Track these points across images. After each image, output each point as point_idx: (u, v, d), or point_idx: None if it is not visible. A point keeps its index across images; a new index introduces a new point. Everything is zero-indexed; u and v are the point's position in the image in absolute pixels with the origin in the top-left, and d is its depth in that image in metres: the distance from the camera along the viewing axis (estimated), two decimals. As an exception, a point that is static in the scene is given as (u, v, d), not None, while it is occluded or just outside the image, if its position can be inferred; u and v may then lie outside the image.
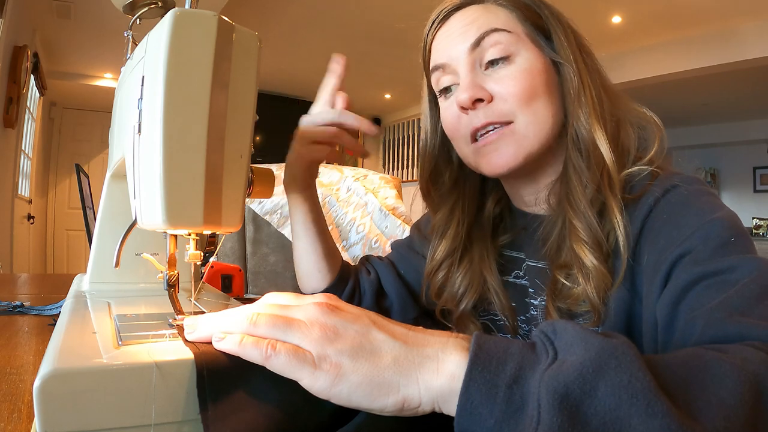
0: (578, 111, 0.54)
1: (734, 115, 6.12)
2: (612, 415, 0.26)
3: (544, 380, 0.28)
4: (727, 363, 0.30)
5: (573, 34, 0.58)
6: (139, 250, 0.45)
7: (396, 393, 0.30)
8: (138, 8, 0.54)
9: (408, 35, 2.51)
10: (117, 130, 0.56)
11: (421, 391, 0.30)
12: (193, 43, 0.37)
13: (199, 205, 0.38)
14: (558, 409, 0.26)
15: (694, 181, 0.52)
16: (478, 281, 0.63)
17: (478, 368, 0.29)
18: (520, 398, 0.28)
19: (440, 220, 0.65)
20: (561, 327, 0.32)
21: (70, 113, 5.41)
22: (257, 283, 1.72)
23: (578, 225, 0.52)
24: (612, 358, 0.28)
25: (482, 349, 0.30)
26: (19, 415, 0.39)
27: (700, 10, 3.62)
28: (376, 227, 1.66)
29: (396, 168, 6.90)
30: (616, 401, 0.27)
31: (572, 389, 0.27)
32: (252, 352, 0.32)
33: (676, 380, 0.29)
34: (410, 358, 0.31)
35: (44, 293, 1.03)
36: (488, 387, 0.28)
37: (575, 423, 0.26)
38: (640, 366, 0.28)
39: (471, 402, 0.28)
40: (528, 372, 0.29)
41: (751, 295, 0.40)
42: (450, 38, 0.57)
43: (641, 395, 0.27)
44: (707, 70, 4.08)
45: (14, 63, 3.00)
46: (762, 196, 6.53)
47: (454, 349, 0.31)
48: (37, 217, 4.60)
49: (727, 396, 0.28)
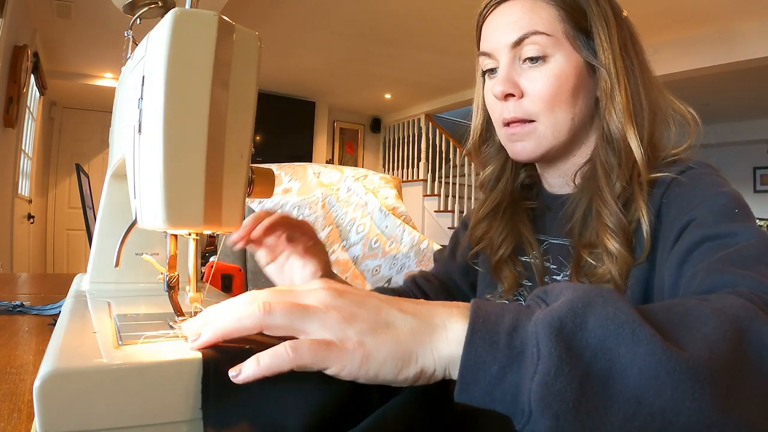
0: (611, 109, 0.57)
1: (734, 115, 6.11)
2: (602, 346, 0.28)
3: (539, 319, 0.30)
4: (709, 307, 0.32)
5: (618, 30, 0.59)
6: (139, 250, 0.46)
7: (415, 364, 0.31)
8: (138, 8, 0.54)
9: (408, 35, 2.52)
10: (117, 129, 0.56)
11: (435, 360, 0.31)
12: (193, 43, 0.37)
13: (200, 204, 0.38)
14: (555, 342, 0.28)
15: (708, 165, 0.56)
16: (515, 233, 0.68)
17: (479, 320, 0.30)
18: (520, 343, 0.29)
19: (489, 175, 0.71)
20: (551, 288, 0.34)
21: (70, 113, 5.41)
22: (257, 283, 1.72)
23: (604, 212, 0.56)
24: (598, 296, 0.31)
25: (481, 308, 0.31)
26: (19, 415, 0.39)
27: (700, 10, 3.62)
28: (376, 227, 1.66)
29: (396, 168, 6.90)
30: (604, 332, 0.29)
31: (565, 322, 0.29)
32: (275, 364, 0.30)
33: (661, 320, 0.31)
34: (422, 329, 0.32)
35: (44, 293, 1.03)
36: (490, 335, 0.30)
37: (572, 355, 0.28)
38: (624, 302, 0.30)
39: (475, 351, 0.29)
40: (525, 321, 0.30)
41: (749, 255, 0.43)
42: (495, 32, 0.61)
43: (626, 325, 0.29)
44: (707, 70, 4.08)
45: (14, 63, 3.00)
46: (762, 196, 6.53)
47: (458, 317, 0.32)
48: (37, 217, 4.60)
49: (711, 333, 0.30)
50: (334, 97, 6.63)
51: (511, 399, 0.29)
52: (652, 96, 0.59)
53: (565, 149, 0.62)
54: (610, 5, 0.60)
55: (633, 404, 0.27)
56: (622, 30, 0.59)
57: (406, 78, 5.66)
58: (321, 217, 1.69)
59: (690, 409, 0.27)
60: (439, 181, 6.07)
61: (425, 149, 6.29)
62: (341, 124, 7.12)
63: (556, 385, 0.27)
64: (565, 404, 0.27)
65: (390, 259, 1.66)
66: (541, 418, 0.28)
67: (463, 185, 5.93)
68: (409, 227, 1.68)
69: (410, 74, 5.52)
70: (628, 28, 0.61)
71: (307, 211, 1.70)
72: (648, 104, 0.58)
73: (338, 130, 7.10)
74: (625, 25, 0.61)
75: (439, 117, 6.55)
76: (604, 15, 0.58)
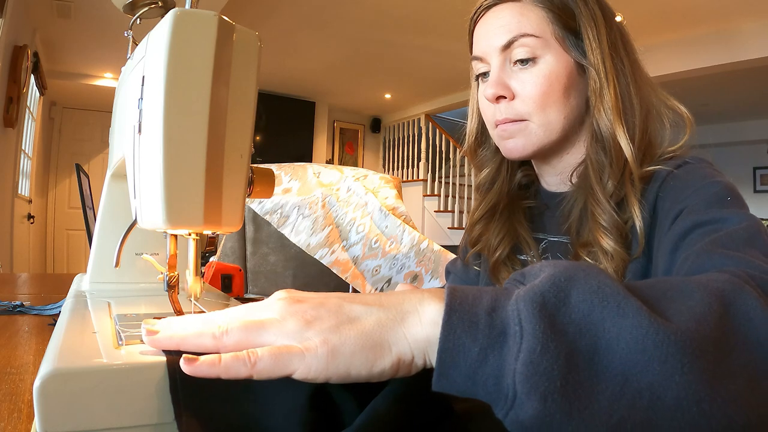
0: (600, 108, 0.58)
1: (734, 116, 6.11)
2: (586, 320, 0.27)
3: (520, 296, 0.28)
4: (694, 282, 0.32)
5: (607, 30, 0.59)
6: (139, 250, 0.45)
7: (389, 353, 0.30)
8: (138, 8, 0.54)
9: (408, 35, 2.53)
10: (117, 129, 0.56)
11: (411, 345, 0.30)
12: (193, 43, 0.37)
13: (200, 205, 0.38)
14: (539, 318, 0.27)
15: (703, 160, 0.57)
16: (512, 233, 0.68)
17: (456, 302, 0.29)
18: (501, 322, 0.28)
19: (485, 177, 0.72)
20: (528, 269, 0.33)
21: (70, 113, 5.41)
22: (257, 283, 1.72)
23: (597, 212, 0.57)
24: (580, 271, 0.30)
25: (457, 290, 0.30)
26: (19, 415, 0.39)
27: (700, 10, 3.62)
28: (376, 227, 1.66)
29: (396, 168, 6.90)
30: (588, 307, 0.28)
31: (548, 297, 0.28)
32: (234, 366, 0.29)
33: (646, 294, 0.30)
34: (391, 316, 0.31)
35: (44, 293, 1.03)
36: (469, 316, 0.28)
37: (556, 331, 0.27)
38: (607, 275, 0.30)
39: (454, 332, 0.28)
40: (504, 300, 0.29)
41: (738, 238, 0.43)
42: (486, 36, 0.62)
43: (611, 298, 0.28)
44: (707, 70, 4.08)
45: (14, 63, 3.00)
46: (762, 196, 6.54)
47: (431, 300, 0.31)
48: (37, 217, 4.60)
49: (697, 305, 0.29)
50: (334, 97, 6.63)
51: (494, 382, 0.27)
52: (644, 94, 0.60)
53: (558, 148, 0.63)
54: (599, 6, 0.60)
55: (620, 381, 0.26)
56: (612, 30, 0.60)
57: (406, 78, 5.66)
58: (321, 217, 1.69)
59: (679, 384, 0.26)
60: (439, 181, 6.07)
61: (425, 149, 6.29)
62: (341, 124, 7.12)
63: (543, 364, 0.26)
64: (552, 383, 0.26)
65: (390, 259, 1.66)
66: (527, 400, 0.26)
67: (463, 185, 5.93)
68: (409, 227, 1.68)
69: (410, 74, 5.52)
70: (618, 28, 0.61)
71: (307, 211, 1.70)
72: (639, 103, 0.59)
73: (338, 130, 7.10)
74: (615, 24, 0.61)
75: (439, 117, 6.55)
76: (593, 15, 0.59)
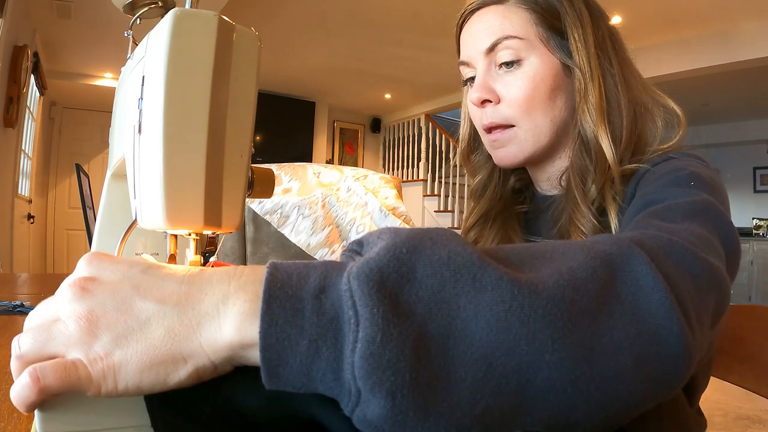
0: (584, 109, 0.57)
1: (734, 116, 6.11)
2: (437, 298, 0.23)
3: (353, 272, 0.24)
4: (579, 245, 0.28)
5: (594, 30, 0.58)
6: (139, 250, 0.45)
7: (184, 365, 0.26)
8: (138, 8, 0.54)
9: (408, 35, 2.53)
10: (117, 130, 0.55)
11: (210, 356, 0.26)
12: (193, 43, 0.37)
13: (199, 205, 0.38)
14: (377, 299, 0.23)
15: (692, 155, 0.54)
16: (506, 240, 0.68)
17: (277, 285, 0.24)
18: (332, 305, 0.24)
19: (479, 183, 0.71)
20: (367, 235, 0.28)
21: (70, 113, 5.41)
22: (257, 283, 1.72)
23: (576, 217, 0.56)
24: (426, 238, 0.25)
25: (279, 269, 0.25)
26: (19, 415, 0.39)
27: (700, 10, 3.62)
28: (376, 227, 1.66)
29: (396, 168, 6.90)
30: (438, 281, 0.24)
31: (387, 273, 0.23)
32: (21, 394, 0.25)
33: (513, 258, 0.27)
34: (185, 322, 0.26)
35: (44, 293, 1.03)
36: (292, 301, 0.24)
37: (399, 314, 0.23)
38: (459, 241, 0.25)
39: (275, 324, 0.23)
40: (335, 277, 0.24)
41: (677, 210, 0.40)
42: (471, 40, 0.62)
43: (465, 269, 0.24)
44: (707, 70, 4.08)
45: (14, 63, 3.00)
46: (762, 196, 6.53)
47: (238, 296, 0.26)
48: (37, 217, 4.60)
49: (577, 268, 0.26)
50: (334, 97, 6.63)
51: (334, 377, 0.23)
52: (634, 94, 0.59)
53: (548, 152, 0.62)
54: (586, 5, 0.59)
55: (482, 366, 0.23)
56: (599, 29, 0.59)
57: (406, 78, 5.66)
58: (321, 217, 1.69)
59: (550, 364, 0.23)
60: (439, 181, 6.07)
61: (425, 149, 6.29)
62: (341, 124, 7.12)
63: (386, 355, 0.22)
64: (399, 377, 0.22)
65: (390, 259, 1.66)
66: (372, 398, 0.22)
67: (463, 185, 5.93)
68: (409, 227, 1.68)
69: (410, 74, 5.52)
70: (607, 27, 0.60)
71: (307, 211, 1.70)
72: (628, 103, 0.57)
73: (338, 130, 7.11)
74: (604, 24, 0.60)
75: (439, 117, 6.55)
76: (579, 15, 0.58)
